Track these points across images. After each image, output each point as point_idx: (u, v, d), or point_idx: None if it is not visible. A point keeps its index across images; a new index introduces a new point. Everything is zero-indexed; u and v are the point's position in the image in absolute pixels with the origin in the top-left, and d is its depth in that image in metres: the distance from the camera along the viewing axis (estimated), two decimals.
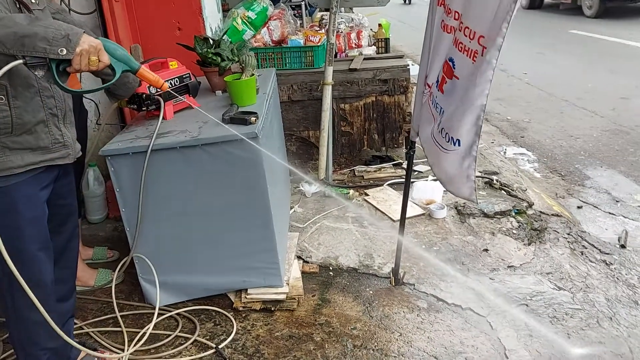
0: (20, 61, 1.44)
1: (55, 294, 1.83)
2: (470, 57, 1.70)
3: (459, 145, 1.78)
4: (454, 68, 1.81)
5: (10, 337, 1.81)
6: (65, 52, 1.43)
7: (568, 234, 2.95)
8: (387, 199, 3.41)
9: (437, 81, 1.96)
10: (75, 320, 2.28)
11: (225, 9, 4.17)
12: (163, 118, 2.31)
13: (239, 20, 3.73)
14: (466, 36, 1.70)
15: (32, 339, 1.76)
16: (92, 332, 2.32)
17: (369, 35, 4.42)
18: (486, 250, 2.83)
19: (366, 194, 3.50)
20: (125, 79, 2.08)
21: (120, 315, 2.36)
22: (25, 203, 1.66)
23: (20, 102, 1.59)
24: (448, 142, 1.82)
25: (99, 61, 1.52)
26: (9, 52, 1.40)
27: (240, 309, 2.40)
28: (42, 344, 1.78)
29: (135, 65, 1.65)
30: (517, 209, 3.17)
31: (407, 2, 18.98)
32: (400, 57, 4.13)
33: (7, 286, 1.70)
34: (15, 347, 1.81)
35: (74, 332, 2.14)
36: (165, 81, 2.45)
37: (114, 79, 1.64)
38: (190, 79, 2.58)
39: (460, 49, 1.75)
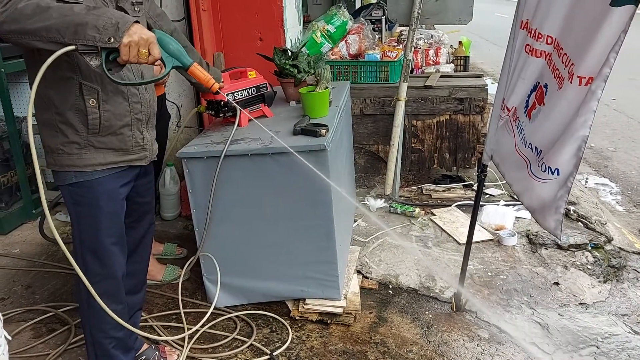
0: (73, 47, 1.42)
1: (126, 286, 1.92)
2: (558, 84, 1.66)
3: (558, 174, 1.72)
4: (546, 94, 1.76)
5: (82, 322, 1.92)
6: (112, 40, 1.41)
7: None
8: (455, 220, 3.32)
9: (526, 106, 1.91)
10: (142, 313, 2.39)
11: (307, 21, 4.25)
12: (238, 125, 2.39)
13: (318, 33, 3.79)
14: (562, 63, 1.65)
15: (100, 327, 1.86)
16: (156, 325, 2.42)
17: (448, 53, 4.35)
18: (557, 283, 2.68)
19: (433, 214, 3.43)
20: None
21: (183, 312, 2.45)
22: (106, 197, 1.76)
23: (109, 107, 1.68)
24: (544, 171, 1.77)
25: (149, 54, 1.48)
26: (64, 40, 1.41)
27: (297, 318, 2.42)
28: (110, 333, 1.87)
29: (187, 61, 1.58)
30: (594, 243, 2.99)
31: None
32: (479, 76, 4.03)
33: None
34: (85, 332, 1.92)
35: (140, 324, 2.24)
36: (243, 90, 2.54)
37: (164, 73, 1.60)
38: (267, 89, 2.66)
39: (555, 75, 1.70)
